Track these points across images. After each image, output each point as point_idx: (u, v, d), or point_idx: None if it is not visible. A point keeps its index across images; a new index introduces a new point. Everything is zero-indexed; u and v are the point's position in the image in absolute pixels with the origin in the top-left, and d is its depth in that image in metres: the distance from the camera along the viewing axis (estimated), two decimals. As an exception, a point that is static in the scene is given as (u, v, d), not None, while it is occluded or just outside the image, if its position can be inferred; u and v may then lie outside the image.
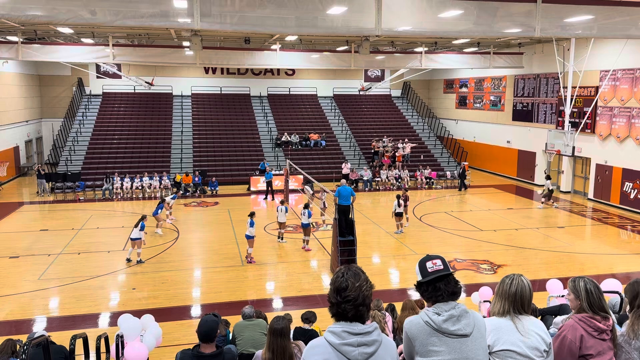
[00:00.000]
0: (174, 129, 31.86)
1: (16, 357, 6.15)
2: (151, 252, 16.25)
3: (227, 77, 36.41)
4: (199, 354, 4.16)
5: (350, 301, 2.59)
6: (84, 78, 33.90)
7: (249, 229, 15.34)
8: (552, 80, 26.67)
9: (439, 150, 32.90)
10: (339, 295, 2.61)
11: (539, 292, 10.46)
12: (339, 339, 2.59)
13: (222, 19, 12.81)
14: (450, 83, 36.73)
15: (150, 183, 25.81)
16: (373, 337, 2.62)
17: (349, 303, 2.59)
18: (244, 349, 6.10)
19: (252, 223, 15.40)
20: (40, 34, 22.91)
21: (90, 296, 12.78)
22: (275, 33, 19.42)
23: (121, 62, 24.80)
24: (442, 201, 25.05)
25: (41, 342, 4.59)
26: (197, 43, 18.83)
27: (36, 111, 33.47)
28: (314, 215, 20.90)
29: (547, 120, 27.17)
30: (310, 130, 32.77)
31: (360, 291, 2.61)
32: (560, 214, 22.34)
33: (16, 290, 13.07)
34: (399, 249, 16.91)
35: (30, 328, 10.88)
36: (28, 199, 24.92)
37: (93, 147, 29.40)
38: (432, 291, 2.90)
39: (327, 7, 13.28)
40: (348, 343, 2.57)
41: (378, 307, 7.55)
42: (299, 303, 12.22)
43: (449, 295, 2.89)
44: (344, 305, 2.59)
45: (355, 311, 2.60)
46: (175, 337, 10.26)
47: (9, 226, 19.69)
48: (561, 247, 16.95)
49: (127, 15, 12.77)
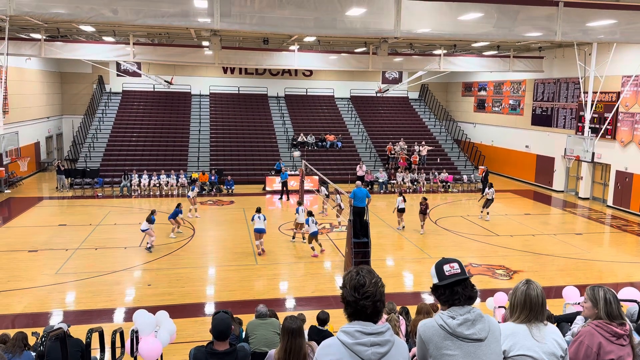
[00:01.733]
0: (192, 127, 32.11)
1: (28, 350, 6.24)
2: (167, 249, 16.40)
3: (245, 77, 36.61)
4: (213, 351, 4.19)
5: (369, 297, 2.61)
6: (105, 76, 34.34)
7: (264, 222, 15.91)
8: (573, 85, 26.34)
9: (456, 153, 32.68)
10: (357, 292, 2.62)
11: (555, 299, 10.35)
12: (352, 339, 2.59)
13: (242, 20, 12.89)
14: (469, 86, 36.48)
15: (168, 181, 26.05)
16: (386, 337, 2.62)
17: (367, 299, 2.60)
18: (257, 348, 6.12)
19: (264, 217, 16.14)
20: (62, 32, 23.26)
21: (106, 291, 12.94)
22: (294, 34, 19.48)
23: (141, 60, 25.04)
24: (458, 205, 24.89)
25: (59, 335, 4.66)
26: (216, 43, 18.97)
27: (57, 108, 33.99)
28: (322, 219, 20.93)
29: (566, 126, 26.84)
30: (326, 131, 32.79)
31: (377, 287, 2.64)
32: (578, 220, 22.05)
33: (34, 284, 13.28)
34: (414, 252, 16.84)
35: (47, 321, 11.05)
36: (47, 194, 25.32)
37: (112, 144, 29.76)
38: (449, 295, 2.88)
39: (346, 9, 13.28)
40: (361, 343, 2.58)
41: (391, 310, 7.53)
42: (312, 303, 12.24)
43: (466, 299, 2.87)
44: (362, 302, 2.61)
45: (373, 307, 2.62)
46: (188, 333, 10.34)
47: (28, 220, 20.01)
48: (579, 254, 16.73)
49: (148, 14, 12.91)
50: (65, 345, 4.65)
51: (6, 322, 11.08)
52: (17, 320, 11.22)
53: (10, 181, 25.79)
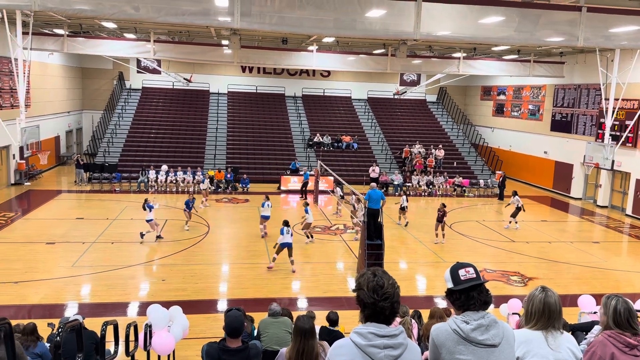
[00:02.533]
0: (209, 125, 32.33)
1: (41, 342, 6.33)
2: (181, 246, 16.53)
3: (263, 76, 36.76)
4: (225, 348, 4.22)
5: (388, 298, 2.61)
6: (125, 72, 34.72)
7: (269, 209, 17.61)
8: (594, 91, 25.99)
9: (473, 158, 32.44)
10: (376, 294, 2.61)
11: (570, 307, 10.23)
12: (365, 340, 2.59)
13: (262, 19, 12.95)
14: (488, 90, 36.20)
15: (184, 177, 26.25)
16: (399, 340, 2.62)
17: (386, 301, 2.61)
18: (268, 346, 6.15)
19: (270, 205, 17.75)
20: (85, 28, 23.60)
21: (121, 285, 13.09)
22: (313, 34, 19.52)
23: (161, 58, 25.30)
24: (474, 210, 24.71)
25: (75, 326, 4.73)
26: (235, 42, 19.09)
27: (78, 102, 34.46)
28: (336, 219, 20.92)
29: (586, 132, 26.50)
30: (342, 132, 32.77)
31: (395, 288, 2.65)
32: (596, 228, 21.76)
33: (51, 275, 13.48)
34: (427, 255, 16.76)
35: (62, 313, 11.21)
36: (66, 188, 25.68)
37: (131, 140, 30.08)
38: (464, 299, 2.86)
39: (366, 10, 13.28)
40: (374, 345, 2.58)
41: (404, 314, 7.50)
42: (324, 304, 12.25)
43: (481, 304, 2.85)
44: (381, 303, 2.61)
45: (391, 309, 2.62)
46: (201, 329, 10.42)
47: (47, 213, 20.32)
48: (595, 263, 16.50)
49: (169, 12, 13.03)
50: (80, 336, 4.72)
51: (22, 312, 11.26)
52: (33, 310, 11.40)
53: (30, 174, 26.21)
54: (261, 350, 4.77)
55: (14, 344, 2.98)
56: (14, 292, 12.34)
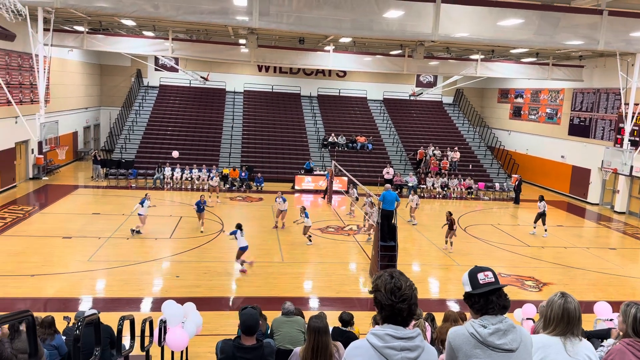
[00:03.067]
0: (225, 124, 32.49)
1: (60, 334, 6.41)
2: (195, 243, 16.64)
3: (279, 75, 36.85)
4: (240, 346, 4.24)
5: (406, 300, 2.62)
6: (143, 70, 35.03)
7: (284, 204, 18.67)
8: (613, 95, 25.66)
9: (489, 161, 32.20)
10: (394, 295, 2.62)
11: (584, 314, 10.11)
12: (382, 342, 2.59)
13: (279, 19, 13.00)
14: (505, 92, 35.91)
15: (199, 175, 26.42)
16: (416, 343, 2.62)
17: (404, 302, 2.61)
18: (281, 345, 6.16)
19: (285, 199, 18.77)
20: (104, 25, 23.84)
21: (135, 280, 13.21)
22: (330, 34, 19.53)
23: (179, 56, 25.46)
24: (489, 213, 24.53)
25: (93, 320, 4.80)
26: (253, 41, 19.15)
27: (96, 99, 34.85)
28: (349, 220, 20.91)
29: (604, 137, 26.17)
30: (357, 132, 32.73)
31: (412, 290, 2.66)
32: (613, 235, 21.47)
33: (67, 269, 13.66)
34: (441, 258, 16.67)
35: (77, 306, 11.35)
36: (83, 183, 25.98)
37: (147, 137, 30.34)
38: (483, 303, 2.85)
39: (383, 11, 13.26)
40: (391, 347, 2.58)
41: (418, 316, 7.48)
42: (336, 304, 12.24)
43: (500, 308, 2.84)
44: (399, 305, 2.61)
45: (409, 310, 2.63)
46: (213, 326, 10.47)
47: (64, 207, 20.58)
48: (611, 269, 16.29)
49: (188, 10, 13.15)
50: (99, 330, 4.78)
51: (38, 305, 11.42)
52: (48, 303, 11.55)
53: (48, 168, 26.57)
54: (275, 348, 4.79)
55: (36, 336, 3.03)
56: (31, 285, 12.52)
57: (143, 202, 17.12)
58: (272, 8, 13.01)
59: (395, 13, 13.30)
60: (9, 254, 14.60)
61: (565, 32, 13.13)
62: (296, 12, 13.27)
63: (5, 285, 12.39)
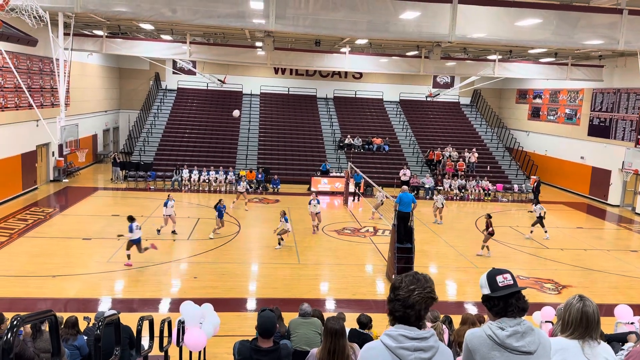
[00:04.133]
0: (242, 126, 32.67)
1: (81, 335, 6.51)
2: (212, 244, 16.76)
3: (295, 77, 36.96)
4: (257, 348, 4.27)
5: (400, 301, 2.62)
6: (161, 73, 35.41)
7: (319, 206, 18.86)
8: (634, 95, 25.25)
9: (507, 162, 31.90)
10: (392, 292, 2.67)
11: (605, 317, 9.96)
12: (396, 342, 2.60)
13: (296, 21, 13.05)
14: (524, 93, 35.55)
15: (217, 177, 26.61)
16: (430, 343, 2.62)
17: (398, 302, 2.63)
18: (298, 346, 6.19)
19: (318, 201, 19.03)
20: (123, 29, 24.18)
21: (154, 281, 13.36)
22: (346, 36, 19.55)
23: (197, 59, 25.71)
24: (507, 215, 24.29)
25: (113, 320, 4.87)
26: (269, 44, 19.25)
27: (115, 102, 35.32)
28: (367, 222, 20.85)
29: (625, 138, 25.75)
30: (373, 134, 32.67)
31: (412, 294, 2.62)
32: (634, 237, 21.12)
33: (86, 270, 13.86)
34: (458, 260, 16.56)
35: (96, 307, 11.51)
36: (102, 185, 26.34)
37: (166, 140, 30.65)
38: (503, 306, 2.83)
39: (400, 12, 13.24)
40: (405, 347, 2.58)
41: (436, 319, 7.45)
42: (353, 306, 12.23)
43: (519, 311, 2.83)
44: (393, 303, 2.64)
45: (402, 312, 2.62)
46: (231, 327, 10.54)
47: (84, 209, 20.89)
48: (633, 272, 16.02)
49: (205, 14, 13.27)
50: (119, 330, 4.86)
51: (59, 305, 11.60)
52: (69, 304, 11.74)
53: (68, 171, 26.99)
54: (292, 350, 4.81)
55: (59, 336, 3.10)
56: (53, 285, 12.73)
57: (167, 204, 17.41)
58: (289, 11, 13.07)
59: (411, 14, 13.27)
60: (31, 255, 14.87)
61: (584, 31, 12.97)
62: (312, 14, 13.31)
63: (27, 285, 12.62)
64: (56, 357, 3.12)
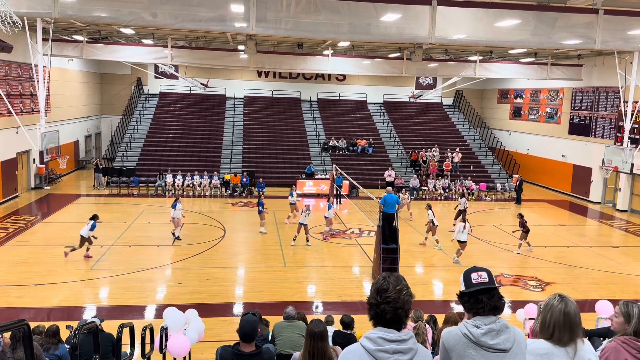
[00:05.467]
0: (226, 130, 32.55)
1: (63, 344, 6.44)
2: (197, 249, 16.66)
3: (278, 80, 36.94)
4: (239, 352, 4.25)
5: (390, 303, 2.63)
6: (143, 77, 35.14)
7: (328, 212, 18.83)
8: (612, 94, 25.66)
9: (490, 161, 32.19)
10: (379, 296, 2.66)
11: (587, 312, 10.09)
12: (375, 345, 2.61)
13: (277, 25, 13.05)
14: (505, 93, 35.93)
15: (201, 181, 26.47)
16: (409, 345, 2.63)
17: (388, 304, 2.63)
18: (282, 349, 6.17)
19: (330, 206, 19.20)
20: (103, 34, 23.95)
21: (138, 288, 13.23)
22: (328, 39, 19.59)
23: (179, 63, 25.58)
24: (491, 214, 24.51)
25: (91, 329, 4.82)
26: (251, 47, 19.22)
27: (96, 108, 34.96)
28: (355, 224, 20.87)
29: (605, 135, 26.15)
30: (358, 136, 32.76)
31: (400, 294, 2.65)
32: (615, 233, 21.43)
33: (69, 278, 13.69)
34: (443, 260, 16.66)
35: (80, 315, 11.37)
36: (85, 192, 26.04)
37: (148, 145, 30.41)
38: (473, 303, 2.86)
39: (381, 14, 13.31)
40: (384, 350, 2.59)
41: (418, 318, 7.48)
42: (339, 308, 12.23)
43: (490, 309, 2.84)
44: (383, 306, 2.64)
45: (393, 314, 2.63)
46: (216, 332, 10.49)
47: (66, 217, 20.63)
48: (614, 268, 16.26)
49: (186, 18, 13.21)
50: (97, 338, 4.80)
51: (42, 314, 11.45)
52: (52, 313, 11.58)
53: (49, 178, 26.65)
54: (275, 354, 4.80)
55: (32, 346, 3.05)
56: (34, 294, 12.55)
57: (175, 206, 17.64)
58: (270, 14, 13.06)
59: (392, 16, 13.35)
60: (12, 264, 14.65)
61: (562, 31, 13.16)
62: (294, 17, 13.33)
63: (8, 295, 12.42)
64: (31, 366, 3.07)
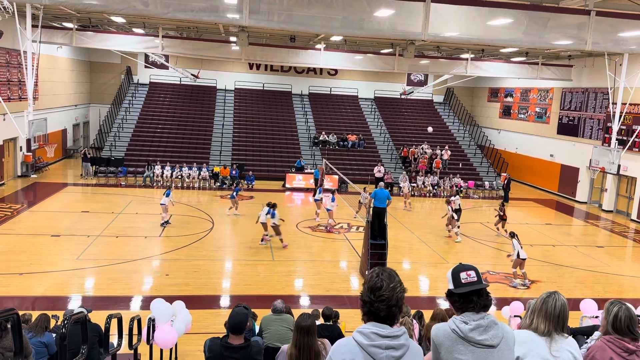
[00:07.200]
0: (216, 122, 32.40)
1: (50, 332, 6.41)
2: (185, 241, 16.60)
3: (270, 73, 36.80)
4: (228, 345, 4.25)
5: (384, 301, 2.63)
6: (133, 67, 34.83)
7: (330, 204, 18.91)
8: (601, 95, 25.90)
9: (478, 159, 32.38)
10: (373, 294, 2.65)
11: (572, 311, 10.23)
12: (368, 340, 2.62)
13: (270, 17, 12.99)
14: (495, 92, 36.11)
15: (190, 173, 26.34)
16: (401, 341, 2.64)
17: (382, 302, 2.63)
18: (270, 343, 6.18)
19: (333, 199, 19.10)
20: (94, 22, 23.68)
21: (124, 279, 13.16)
22: (321, 33, 19.54)
23: (169, 53, 25.39)
24: (478, 211, 24.67)
25: (80, 319, 4.79)
26: (243, 39, 19.12)
27: (85, 96, 34.61)
28: (345, 219, 20.89)
29: (593, 136, 26.41)
30: (348, 131, 32.78)
31: (394, 292, 2.65)
32: (601, 233, 21.69)
33: (55, 268, 13.58)
34: (430, 256, 16.76)
35: (66, 305, 11.29)
36: (72, 181, 25.81)
37: (137, 135, 30.19)
38: (463, 302, 2.89)
39: (374, 9, 13.29)
40: (376, 345, 2.60)
41: (405, 314, 7.52)
42: (326, 302, 12.24)
43: (480, 307, 2.88)
44: (377, 304, 2.63)
45: (388, 311, 2.64)
46: (203, 325, 10.47)
47: (52, 205, 20.44)
48: (599, 267, 16.46)
49: (177, 8, 13.10)
50: (85, 328, 4.77)
51: (27, 303, 11.36)
52: (37, 302, 11.49)
53: (36, 166, 26.37)
54: (263, 346, 4.81)
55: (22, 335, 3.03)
56: (19, 283, 12.44)
57: (168, 194, 18.05)
58: (263, 6, 12.99)
59: (385, 12, 13.34)
60: (-3, 252, 14.50)
61: (553, 32, 13.24)
62: (287, 10, 13.26)
63: (-7, 283, 12.30)
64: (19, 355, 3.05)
